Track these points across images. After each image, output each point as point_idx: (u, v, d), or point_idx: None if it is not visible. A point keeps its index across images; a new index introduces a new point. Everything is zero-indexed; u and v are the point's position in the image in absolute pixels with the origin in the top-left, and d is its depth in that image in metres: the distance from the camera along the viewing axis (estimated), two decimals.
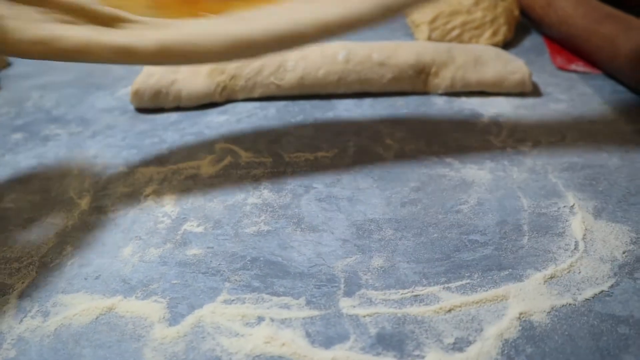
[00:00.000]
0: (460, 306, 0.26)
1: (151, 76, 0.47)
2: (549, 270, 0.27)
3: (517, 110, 0.44)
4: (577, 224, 0.30)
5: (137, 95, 0.47)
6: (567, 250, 0.29)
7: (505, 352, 0.23)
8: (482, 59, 0.47)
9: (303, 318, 0.25)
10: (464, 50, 0.48)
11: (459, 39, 0.59)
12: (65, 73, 0.62)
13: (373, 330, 0.24)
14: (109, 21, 0.31)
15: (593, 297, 0.26)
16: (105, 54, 0.30)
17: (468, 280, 0.27)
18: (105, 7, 0.31)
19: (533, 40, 0.61)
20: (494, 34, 0.59)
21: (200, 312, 0.26)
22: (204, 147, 0.41)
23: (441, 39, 0.59)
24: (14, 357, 0.24)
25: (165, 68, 0.46)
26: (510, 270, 0.28)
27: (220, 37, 0.30)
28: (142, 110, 0.49)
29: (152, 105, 0.47)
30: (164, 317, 0.26)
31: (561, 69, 0.51)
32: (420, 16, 0.61)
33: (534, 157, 0.37)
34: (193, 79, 0.47)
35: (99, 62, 0.30)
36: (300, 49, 0.41)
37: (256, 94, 0.48)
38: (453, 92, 0.47)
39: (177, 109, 0.47)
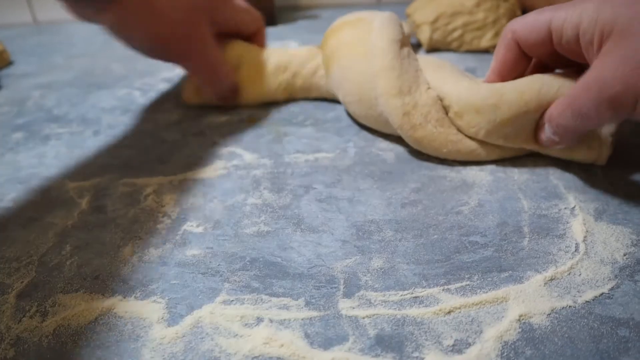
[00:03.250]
0: (459, 308, 0.25)
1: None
2: (549, 272, 0.27)
3: None
4: (578, 225, 0.30)
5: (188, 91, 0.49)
6: (567, 252, 0.29)
7: (505, 354, 0.23)
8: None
9: (302, 319, 0.25)
10: None
11: (460, 39, 0.59)
12: (66, 72, 0.62)
13: (372, 332, 0.24)
14: None
15: (593, 300, 0.25)
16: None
17: (468, 282, 0.27)
18: None
19: None
20: (496, 35, 0.59)
21: (199, 312, 0.26)
22: (205, 147, 0.41)
23: (443, 39, 0.59)
24: (13, 357, 0.24)
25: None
26: (510, 272, 0.27)
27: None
28: (147, 109, 0.49)
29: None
30: (162, 318, 0.26)
31: None
32: (422, 17, 0.61)
33: (534, 158, 0.37)
34: (256, 78, 0.48)
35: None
36: None
37: (312, 96, 0.49)
38: None
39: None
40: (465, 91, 0.36)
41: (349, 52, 0.41)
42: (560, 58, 0.34)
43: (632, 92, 0.27)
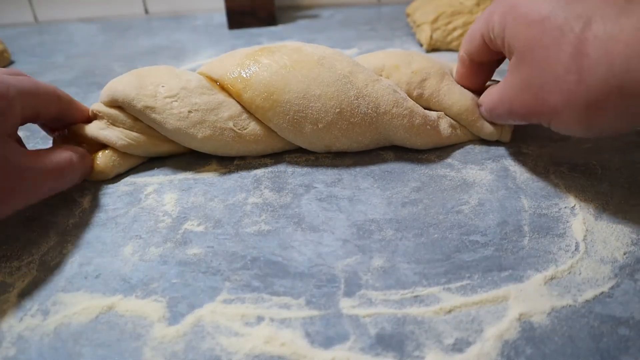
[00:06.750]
0: (460, 307, 0.26)
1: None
2: (550, 271, 0.27)
3: None
4: (578, 224, 0.30)
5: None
6: (567, 251, 0.29)
7: (505, 353, 0.23)
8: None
9: (303, 318, 0.25)
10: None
11: (460, 39, 0.59)
12: (66, 72, 0.62)
13: (373, 331, 0.24)
14: None
15: (593, 299, 0.26)
16: None
17: (468, 281, 0.27)
18: None
19: None
20: None
21: (200, 311, 0.26)
22: None
23: (443, 39, 0.59)
24: (14, 355, 0.24)
25: None
26: (510, 271, 0.27)
27: None
28: None
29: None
30: (163, 317, 0.26)
31: None
32: (422, 16, 0.61)
33: (535, 158, 0.37)
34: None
35: None
36: None
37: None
38: None
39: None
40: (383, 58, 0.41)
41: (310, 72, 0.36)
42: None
43: (536, 116, 0.30)
